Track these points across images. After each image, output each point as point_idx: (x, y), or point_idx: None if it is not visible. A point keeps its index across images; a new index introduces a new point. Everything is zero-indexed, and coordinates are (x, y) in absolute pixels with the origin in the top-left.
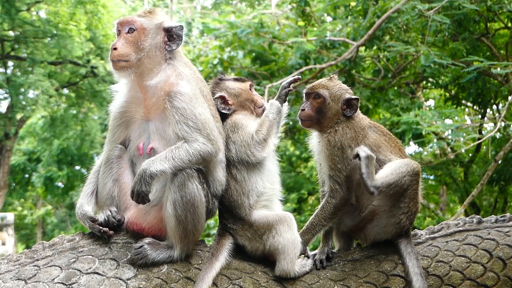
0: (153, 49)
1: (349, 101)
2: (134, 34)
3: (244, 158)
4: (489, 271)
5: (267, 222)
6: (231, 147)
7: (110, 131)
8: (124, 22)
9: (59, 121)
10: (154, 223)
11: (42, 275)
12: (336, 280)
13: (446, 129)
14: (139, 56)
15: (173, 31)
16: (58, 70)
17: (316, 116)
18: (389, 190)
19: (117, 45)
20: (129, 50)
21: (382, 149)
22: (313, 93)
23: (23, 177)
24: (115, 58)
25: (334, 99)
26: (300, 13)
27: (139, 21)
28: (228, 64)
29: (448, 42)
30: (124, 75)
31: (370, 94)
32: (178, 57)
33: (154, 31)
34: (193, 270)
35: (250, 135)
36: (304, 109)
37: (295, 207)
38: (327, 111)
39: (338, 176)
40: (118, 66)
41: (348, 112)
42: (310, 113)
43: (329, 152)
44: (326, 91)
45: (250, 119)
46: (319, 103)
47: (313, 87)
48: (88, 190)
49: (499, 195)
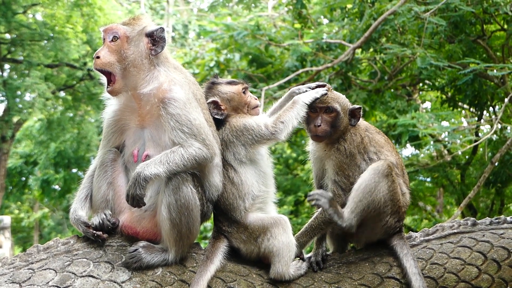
0: (137, 57)
1: (353, 111)
2: (117, 43)
3: (266, 140)
4: (483, 273)
5: (262, 225)
6: (234, 150)
7: (104, 137)
8: (108, 29)
9: (56, 124)
10: (148, 228)
11: (36, 278)
12: (331, 283)
13: (443, 131)
14: (123, 66)
15: (155, 35)
16: (55, 73)
17: (330, 131)
18: (367, 213)
19: (100, 53)
20: (112, 59)
21: (384, 149)
22: (324, 107)
23: (20, 180)
24: (98, 67)
25: (344, 111)
26: (296, 15)
27: (122, 29)
28: (224, 67)
29: (445, 44)
30: (118, 96)
31: (367, 96)
32: (166, 62)
33: (136, 38)
34: (188, 273)
35: (261, 127)
36: (320, 125)
37: (292, 209)
38: (341, 125)
39: (343, 182)
40: (112, 92)
41: (353, 122)
42: (326, 128)
43: (338, 159)
44: (337, 104)
45: (250, 117)
46: (333, 117)
47: (324, 101)
48: (82, 195)
49: (495, 197)
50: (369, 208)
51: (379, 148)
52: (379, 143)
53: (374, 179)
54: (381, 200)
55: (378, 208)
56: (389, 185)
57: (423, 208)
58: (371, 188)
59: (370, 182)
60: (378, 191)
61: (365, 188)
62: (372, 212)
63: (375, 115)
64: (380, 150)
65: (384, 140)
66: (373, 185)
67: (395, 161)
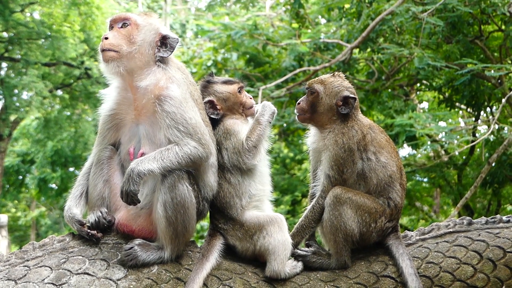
0: (145, 45)
1: (346, 98)
2: (127, 28)
3: (237, 165)
4: (479, 272)
5: (258, 223)
6: (224, 153)
7: (100, 134)
8: (117, 18)
9: (53, 122)
10: (144, 226)
11: (32, 275)
12: (326, 281)
13: (440, 131)
14: (130, 49)
15: (168, 41)
16: (52, 71)
17: (309, 110)
18: (352, 242)
19: (108, 35)
20: (120, 41)
21: (384, 151)
22: (309, 88)
23: (16, 178)
24: (106, 46)
25: (329, 95)
26: (294, 15)
27: (133, 17)
28: (222, 66)
29: (442, 44)
30: (113, 67)
31: (364, 96)
32: (169, 61)
33: (148, 29)
34: (184, 270)
35: (241, 143)
36: (300, 103)
37: (289, 209)
38: (319, 106)
39: (335, 178)
40: (107, 56)
41: (343, 109)
42: (304, 106)
43: (335, 152)
44: (321, 86)
45: (242, 124)
46: (313, 98)
47: (310, 82)
48: (77, 193)
49: (492, 198)
50: (349, 238)
51: (379, 149)
52: (380, 143)
53: (333, 214)
54: (353, 225)
55: (358, 232)
56: (351, 208)
57: (420, 208)
58: (336, 224)
59: (332, 219)
60: (345, 222)
61: (331, 227)
62: (355, 237)
63: (372, 115)
64: (380, 151)
65: (385, 141)
66: (336, 221)
67: (395, 164)
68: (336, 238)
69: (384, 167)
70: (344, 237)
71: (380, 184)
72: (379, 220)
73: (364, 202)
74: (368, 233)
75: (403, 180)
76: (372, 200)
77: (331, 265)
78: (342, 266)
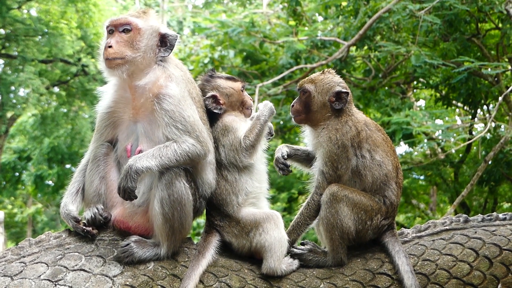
0: (148, 49)
1: (339, 93)
2: (129, 34)
3: (233, 162)
4: (475, 269)
5: (254, 220)
6: (220, 150)
7: (97, 131)
8: (118, 22)
9: (50, 119)
10: (140, 223)
11: (28, 271)
12: (322, 278)
13: (437, 129)
14: (135, 55)
15: (167, 39)
16: (49, 68)
17: (303, 111)
18: (348, 239)
19: (112, 43)
20: (124, 49)
21: (380, 149)
22: (300, 89)
23: (13, 175)
24: (111, 56)
25: (320, 92)
26: (291, 12)
27: (134, 21)
28: (219, 63)
29: (439, 42)
30: (117, 73)
31: (361, 94)
32: (168, 59)
33: (150, 33)
34: (180, 267)
35: (239, 140)
36: (294, 105)
37: (285, 206)
38: (313, 105)
39: (330, 174)
40: (113, 64)
41: (337, 105)
42: (298, 108)
43: (329, 148)
44: (312, 85)
45: (241, 122)
46: (306, 98)
47: (301, 83)
48: (73, 189)
49: (489, 196)
50: (345, 235)
51: (374, 147)
52: (376, 141)
53: (330, 212)
54: (349, 223)
55: (354, 229)
56: (347, 206)
57: (417, 206)
58: (333, 222)
59: (329, 216)
60: (341, 220)
61: (328, 225)
62: (351, 234)
63: (369, 113)
64: (375, 149)
65: (382, 139)
66: (332, 218)
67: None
68: (332, 236)
69: (380, 166)
70: (341, 235)
71: (376, 182)
72: (375, 218)
73: (360, 199)
74: (364, 230)
75: (399, 178)
76: (368, 198)
77: (327, 263)
78: (339, 264)
